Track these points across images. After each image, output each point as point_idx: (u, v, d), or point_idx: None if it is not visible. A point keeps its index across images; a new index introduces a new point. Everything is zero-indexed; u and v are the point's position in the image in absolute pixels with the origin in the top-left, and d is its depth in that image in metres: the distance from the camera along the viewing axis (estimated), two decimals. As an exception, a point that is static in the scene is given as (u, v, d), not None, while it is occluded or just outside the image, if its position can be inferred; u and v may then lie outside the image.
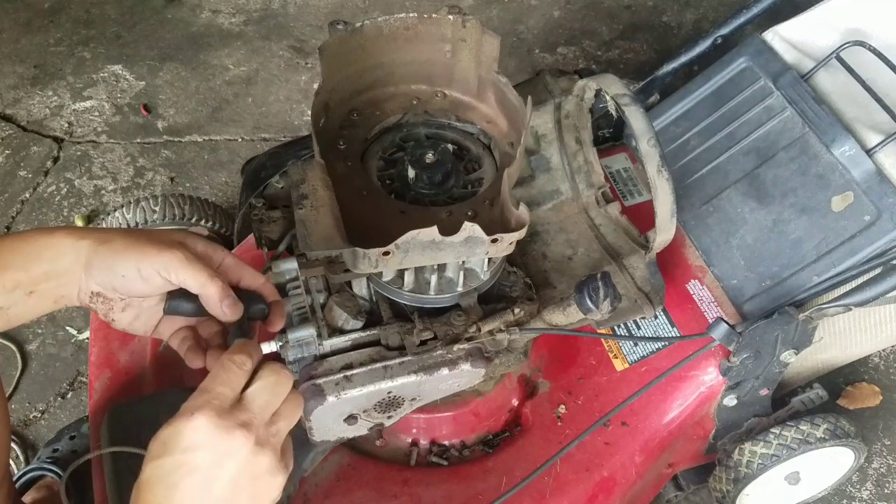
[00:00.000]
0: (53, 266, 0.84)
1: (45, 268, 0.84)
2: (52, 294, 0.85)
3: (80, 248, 0.84)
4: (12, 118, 2.25)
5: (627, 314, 1.16)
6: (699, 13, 2.53)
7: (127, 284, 0.84)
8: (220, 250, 0.91)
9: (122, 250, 0.83)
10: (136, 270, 0.83)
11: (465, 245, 0.93)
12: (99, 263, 0.84)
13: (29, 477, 1.47)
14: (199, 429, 0.72)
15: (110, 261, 0.83)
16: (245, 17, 2.53)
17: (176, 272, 0.84)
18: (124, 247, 0.84)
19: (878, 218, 1.18)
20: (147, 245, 0.84)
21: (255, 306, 0.90)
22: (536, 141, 1.29)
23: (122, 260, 0.83)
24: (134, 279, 0.84)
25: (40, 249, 0.84)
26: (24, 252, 0.84)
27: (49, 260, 0.84)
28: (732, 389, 1.27)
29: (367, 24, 1.04)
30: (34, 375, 1.76)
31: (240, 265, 0.91)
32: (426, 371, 1.03)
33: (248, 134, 2.23)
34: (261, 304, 0.91)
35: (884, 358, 1.78)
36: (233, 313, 0.86)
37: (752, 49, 1.41)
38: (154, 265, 0.83)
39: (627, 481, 1.27)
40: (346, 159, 1.07)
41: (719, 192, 1.35)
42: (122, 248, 0.84)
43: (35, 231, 0.87)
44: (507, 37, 2.43)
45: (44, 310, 0.87)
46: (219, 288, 0.85)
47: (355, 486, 1.23)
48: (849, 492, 1.60)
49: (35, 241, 0.84)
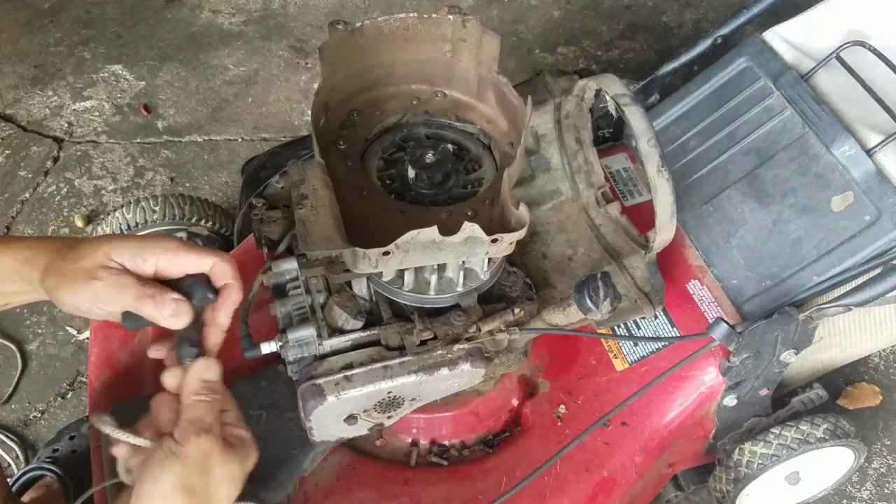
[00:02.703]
0: (17, 283, 0.86)
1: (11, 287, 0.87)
2: (31, 298, 0.89)
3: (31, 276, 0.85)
4: (12, 118, 2.25)
5: (627, 314, 1.16)
6: (699, 13, 2.53)
7: (77, 312, 0.85)
8: (150, 249, 0.84)
9: (55, 288, 0.83)
10: (75, 308, 0.83)
11: (465, 245, 0.93)
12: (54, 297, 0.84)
13: (29, 477, 1.47)
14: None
15: (53, 296, 0.84)
16: (245, 17, 2.53)
17: (103, 304, 0.82)
18: (56, 285, 0.83)
19: (878, 218, 1.18)
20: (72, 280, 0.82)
21: (199, 295, 0.84)
22: (536, 141, 1.29)
23: (60, 297, 0.83)
24: (78, 310, 0.84)
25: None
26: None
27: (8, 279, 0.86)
28: (732, 389, 1.27)
29: (367, 24, 1.04)
30: (34, 375, 1.76)
31: (178, 255, 0.84)
32: (426, 371, 1.03)
33: (248, 134, 2.23)
34: (205, 293, 0.84)
35: (884, 358, 1.78)
36: (179, 321, 0.83)
37: (752, 49, 1.41)
38: (85, 299, 0.82)
39: (627, 481, 1.27)
40: (346, 159, 1.07)
41: (719, 192, 1.35)
42: (54, 286, 0.83)
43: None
44: (507, 37, 2.43)
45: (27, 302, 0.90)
46: (151, 306, 0.82)
47: (355, 486, 1.23)
48: (849, 492, 1.60)
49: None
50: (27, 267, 0.85)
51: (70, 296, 0.82)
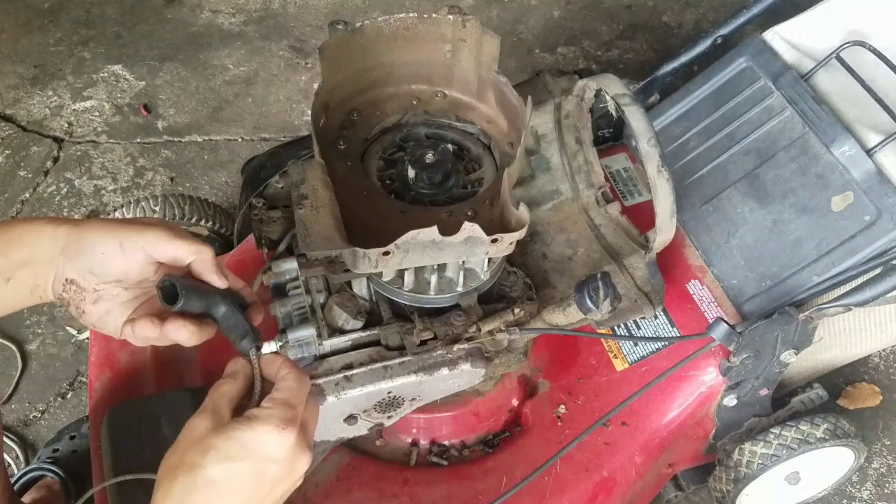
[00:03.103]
0: (33, 252, 0.84)
1: (24, 254, 0.84)
2: (30, 282, 0.86)
3: (59, 234, 0.84)
4: (12, 118, 2.25)
5: (627, 314, 1.16)
6: (699, 13, 2.53)
7: (105, 263, 0.84)
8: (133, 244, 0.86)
9: (102, 228, 0.84)
10: (117, 246, 0.83)
11: (465, 245, 0.93)
12: (76, 244, 0.84)
13: (29, 477, 1.47)
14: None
15: (89, 240, 0.83)
16: (245, 17, 2.53)
17: (164, 246, 0.84)
18: (104, 226, 0.84)
19: (878, 218, 1.18)
20: (128, 224, 0.85)
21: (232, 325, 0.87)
22: (536, 141, 1.29)
23: (103, 237, 0.83)
24: (114, 256, 0.83)
25: (21, 235, 0.84)
26: (6, 238, 0.84)
27: (29, 245, 0.84)
28: (732, 389, 1.27)
29: (367, 24, 1.04)
30: (34, 375, 1.76)
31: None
32: (426, 371, 1.03)
33: (248, 134, 2.23)
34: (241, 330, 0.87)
35: (884, 358, 1.78)
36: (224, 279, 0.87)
37: (752, 49, 1.40)
38: (139, 241, 0.83)
39: (627, 481, 1.27)
40: (346, 159, 1.07)
41: (719, 192, 1.35)
42: (101, 227, 0.84)
43: (14, 220, 0.87)
44: (507, 37, 2.43)
45: (20, 301, 0.87)
46: (212, 251, 0.85)
47: (355, 486, 1.23)
48: (849, 492, 1.60)
49: (16, 228, 0.85)
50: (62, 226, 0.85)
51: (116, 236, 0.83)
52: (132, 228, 0.84)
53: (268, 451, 0.76)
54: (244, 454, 0.75)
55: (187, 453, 0.75)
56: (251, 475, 0.75)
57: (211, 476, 0.73)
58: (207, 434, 0.75)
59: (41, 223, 0.85)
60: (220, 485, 0.74)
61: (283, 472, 0.77)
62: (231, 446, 0.75)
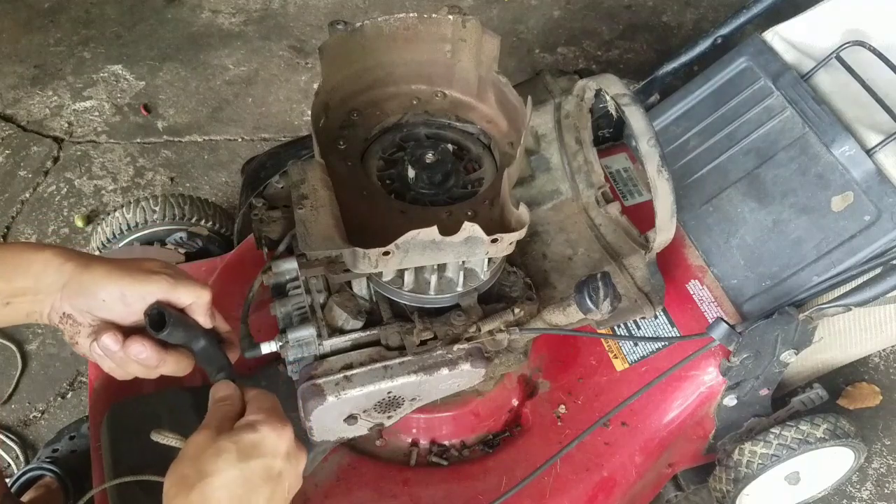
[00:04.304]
0: (36, 282, 0.85)
1: (28, 283, 0.85)
2: (27, 308, 0.87)
3: (65, 269, 0.85)
4: (12, 118, 2.25)
5: (627, 314, 1.16)
6: (699, 13, 2.53)
7: (104, 308, 0.86)
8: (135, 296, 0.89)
9: (106, 275, 0.85)
10: (119, 295, 0.85)
11: (465, 245, 0.93)
12: (78, 287, 0.85)
13: (28, 477, 1.47)
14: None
15: (92, 284, 0.85)
16: (245, 17, 2.53)
17: (165, 296, 0.87)
18: (108, 272, 0.85)
19: (878, 218, 1.18)
20: (132, 271, 0.86)
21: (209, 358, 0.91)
22: (536, 141, 1.29)
23: (106, 284, 0.85)
24: (114, 303, 0.85)
25: (29, 263, 0.85)
26: (13, 262, 0.85)
27: (34, 276, 0.85)
28: (732, 389, 1.27)
29: (367, 24, 1.04)
30: (34, 375, 1.76)
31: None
32: (426, 371, 1.03)
33: (248, 134, 2.23)
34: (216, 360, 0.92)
35: (884, 358, 1.78)
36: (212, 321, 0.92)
37: (752, 49, 1.40)
38: (141, 291, 0.86)
39: (627, 481, 1.27)
40: (346, 159, 1.07)
41: (719, 192, 1.35)
42: (105, 273, 0.85)
43: (24, 245, 0.88)
44: (507, 37, 2.43)
45: (15, 321, 0.89)
46: (210, 295, 0.89)
47: (355, 486, 1.23)
48: (849, 492, 1.60)
49: (23, 255, 0.86)
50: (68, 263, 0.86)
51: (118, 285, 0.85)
52: (135, 278, 0.86)
53: (274, 447, 0.80)
54: (256, 452, 0.78)
55: (197, 463, 0.76)
56: (264, 473, 0.78)
57: (228, 479, 0.75)
58: (216, 439, 0.78)
59: (50, 254, 0.86)
60: (238, 486, 0.76)
61: (288, 468, 0.81)
62: (242, 446, 0.77)
